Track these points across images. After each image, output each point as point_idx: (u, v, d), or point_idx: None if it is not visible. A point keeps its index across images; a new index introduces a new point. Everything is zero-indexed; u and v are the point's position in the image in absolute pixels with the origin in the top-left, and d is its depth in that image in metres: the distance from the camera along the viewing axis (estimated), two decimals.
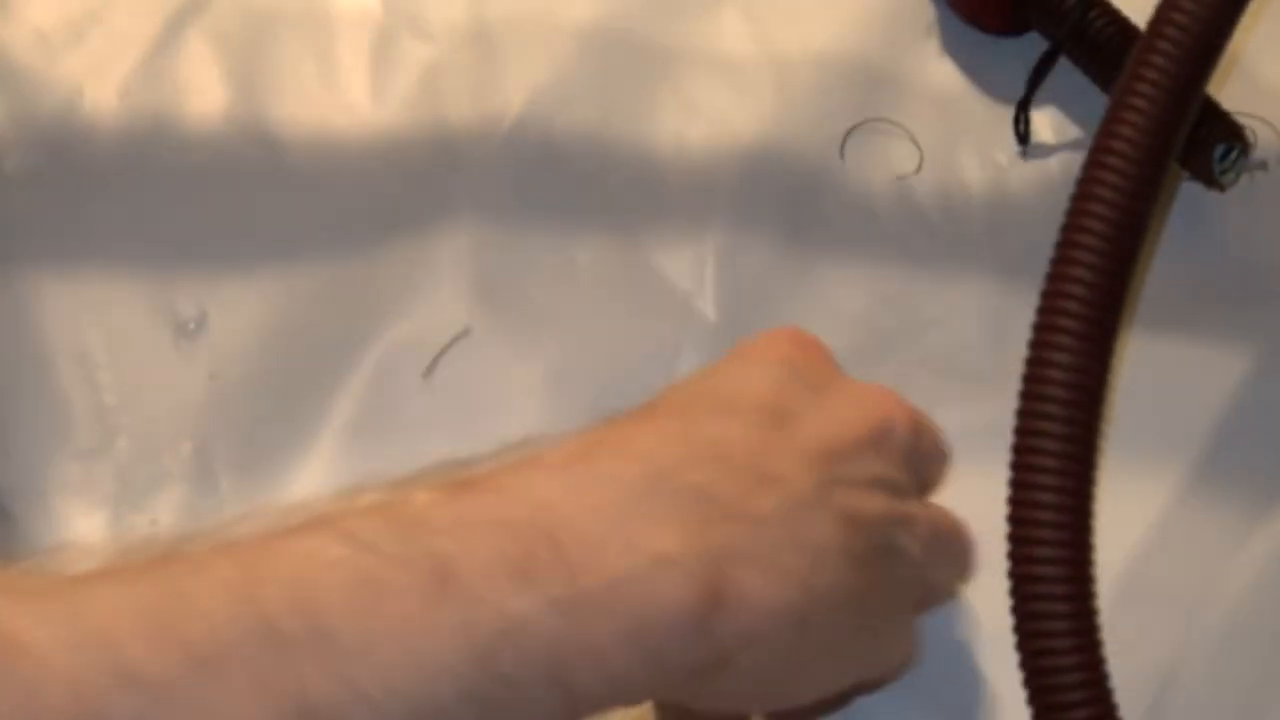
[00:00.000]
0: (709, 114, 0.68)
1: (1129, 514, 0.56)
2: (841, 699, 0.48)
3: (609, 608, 0.36)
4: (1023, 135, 0.67)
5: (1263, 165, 0.65)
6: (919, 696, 0.52)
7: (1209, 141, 0.64)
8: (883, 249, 0.65)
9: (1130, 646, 0.48)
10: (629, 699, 0.38)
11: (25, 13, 0.70)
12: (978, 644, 0.54)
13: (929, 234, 0.66)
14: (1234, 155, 0.64)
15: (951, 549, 0.49)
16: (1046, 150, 0.68)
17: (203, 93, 0.68)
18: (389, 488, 0.40)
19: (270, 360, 0.62)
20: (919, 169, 0.67)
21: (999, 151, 0.67)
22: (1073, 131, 0.68)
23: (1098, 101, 0.67)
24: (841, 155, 0.67)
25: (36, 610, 0.33)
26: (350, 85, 0.69)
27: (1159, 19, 0.50)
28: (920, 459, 0.47)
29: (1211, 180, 0.64)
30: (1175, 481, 0.59)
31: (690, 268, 0.64)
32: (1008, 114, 0.68)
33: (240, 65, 0.69)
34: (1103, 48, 0.66)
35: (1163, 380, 0.61)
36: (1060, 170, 0.67)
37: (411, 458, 0.42)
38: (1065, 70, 0.68)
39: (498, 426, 0.59)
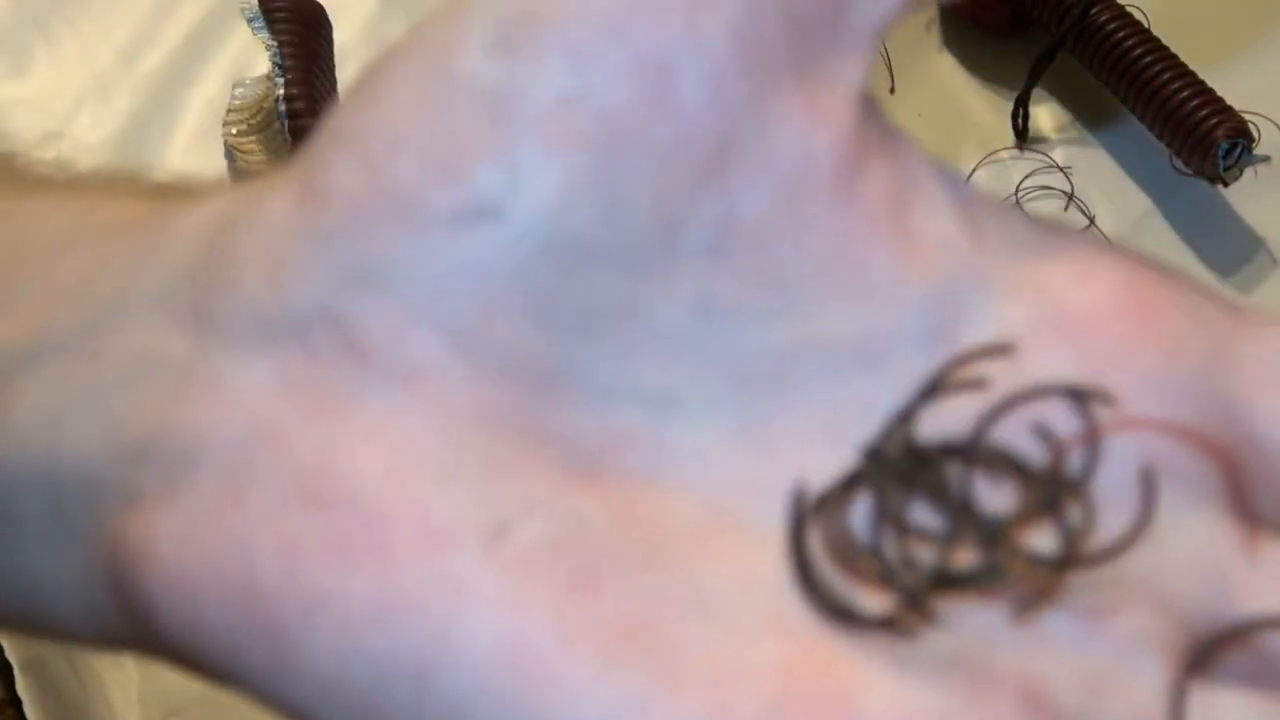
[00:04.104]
0: None
1: None
2: None
3: None
4: (1021, 129, 0.67)
5: (1265, 160, 0.65)
6: None
7: (1213, 138, 0.63)
8: None
9: None
10: None
11: None
12: None
13: None
14: (1238, 151, 0.63)
15: None
16: (1046, 144, 0.67)
17: None
18: None
19: None
20: None
21: (998, 145, 0.67)
22: (1072, 126, 0.67)
23: (1098, 96, 0.67)
24: None
25: None
26: None
27: None
28: None
29: (1215, 176, 0.64)
30: None
31: None
32: (1007, 108, 0.67)
33: None
34: (1105, 43, 0.66)
35: None
36: (1059, 164, 0.66)
37: None
38: (1066, 65, 0.67)
39: None
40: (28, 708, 0.61)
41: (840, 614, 0.25)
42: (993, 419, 0.26)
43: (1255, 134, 0.64)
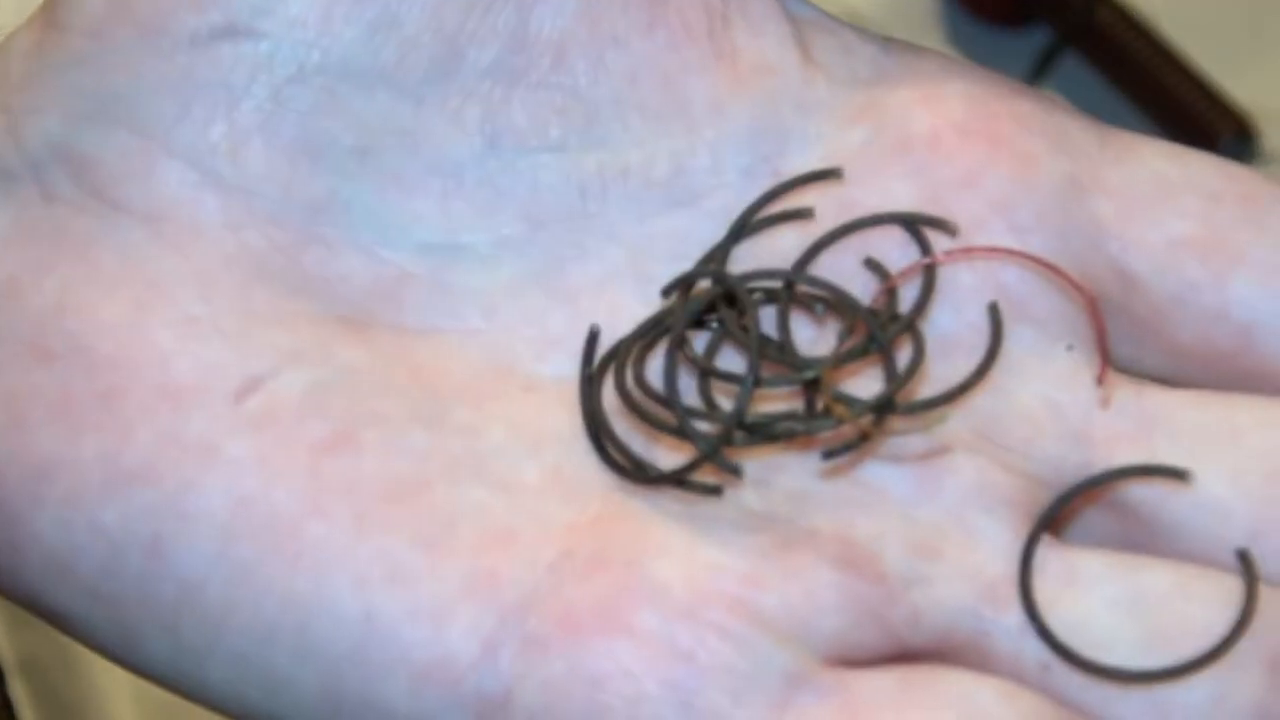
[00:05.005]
0: None
1: None
2: None
3: None
4: None
5: (1272, 158, 0.64)
6: None
7: (1216, 133, 0.63)
8: None
9: None
10: None
11: None
12: None
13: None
14: (1242, 147, 0.63)
15: None
16: None
17: None
18: None
19: None
20: None
21: None
22: None
23: (1104, 95, 0.66)
24: None
25: None
26: None
27: None
28: None
29: None
30: None
31: None
32: None
33: None
34: (1108, 39, 0.65)
35: None
36: None
37: None
38: (1070, 62, 0.66)
39: None
40: (21, 711, 0.61)
41: (632, 471, 0.22)
42: (816, 253, 0.23)
43: (1260, 130, 0.64)
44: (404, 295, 0.23)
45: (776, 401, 0.23)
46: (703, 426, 0.22)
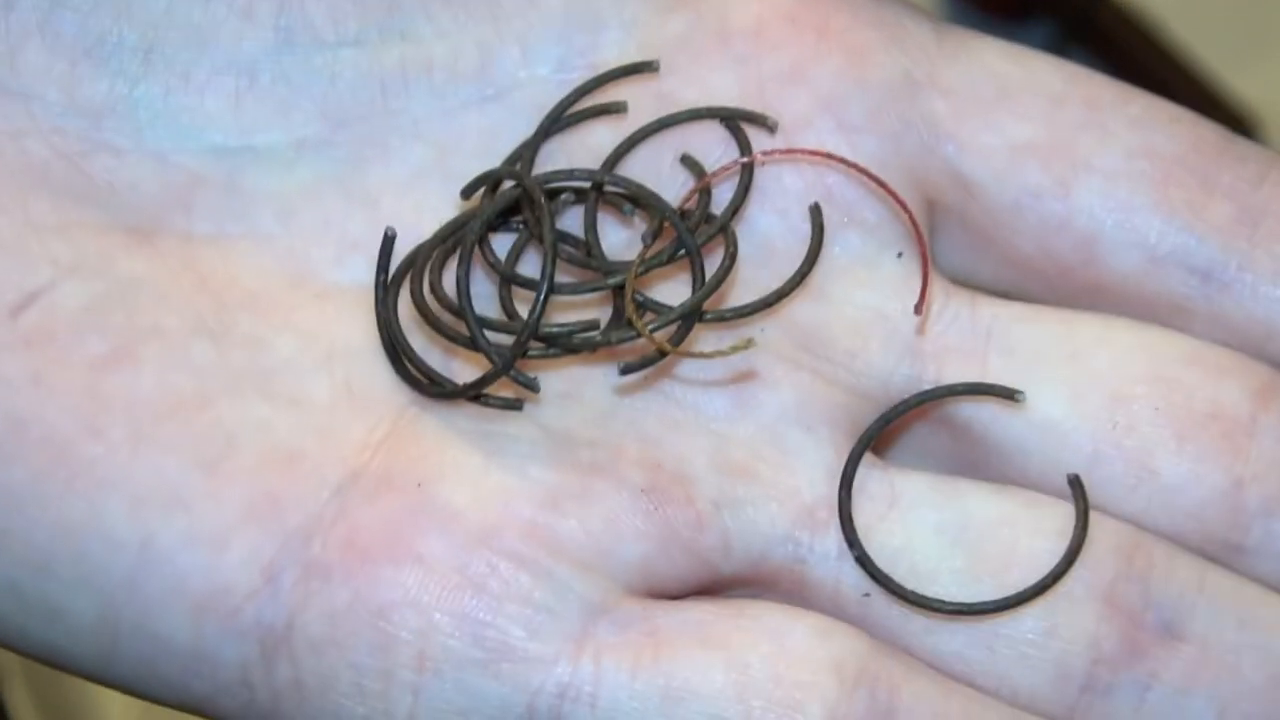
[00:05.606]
0: None
1: None
2: None
3: None
4: None
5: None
6: None
7: None
8: None
9: None
10: None
11: None
12: None
13: None
14: None
15: None
16: None
17: None
18: None
19: None
20: None
21: None
22: None
23: None
24: None
25: None
26: None
27: None
28: None
29: None
30: None
31: None
32: None
33: None
34: (1111, 40, 0.64)
35: None
36: None
37: None
38: (1071, 60, 0.65)
39: None
40: (20, 715, 0.60)
41: (427, 385, 0.21)
42: (627, 151, 0.22)
43: (1259, 128, 0.63)
44: (194, 201, 0.22)
45: (586, 310, 0.22)
46: (501, 339, 0.21)
